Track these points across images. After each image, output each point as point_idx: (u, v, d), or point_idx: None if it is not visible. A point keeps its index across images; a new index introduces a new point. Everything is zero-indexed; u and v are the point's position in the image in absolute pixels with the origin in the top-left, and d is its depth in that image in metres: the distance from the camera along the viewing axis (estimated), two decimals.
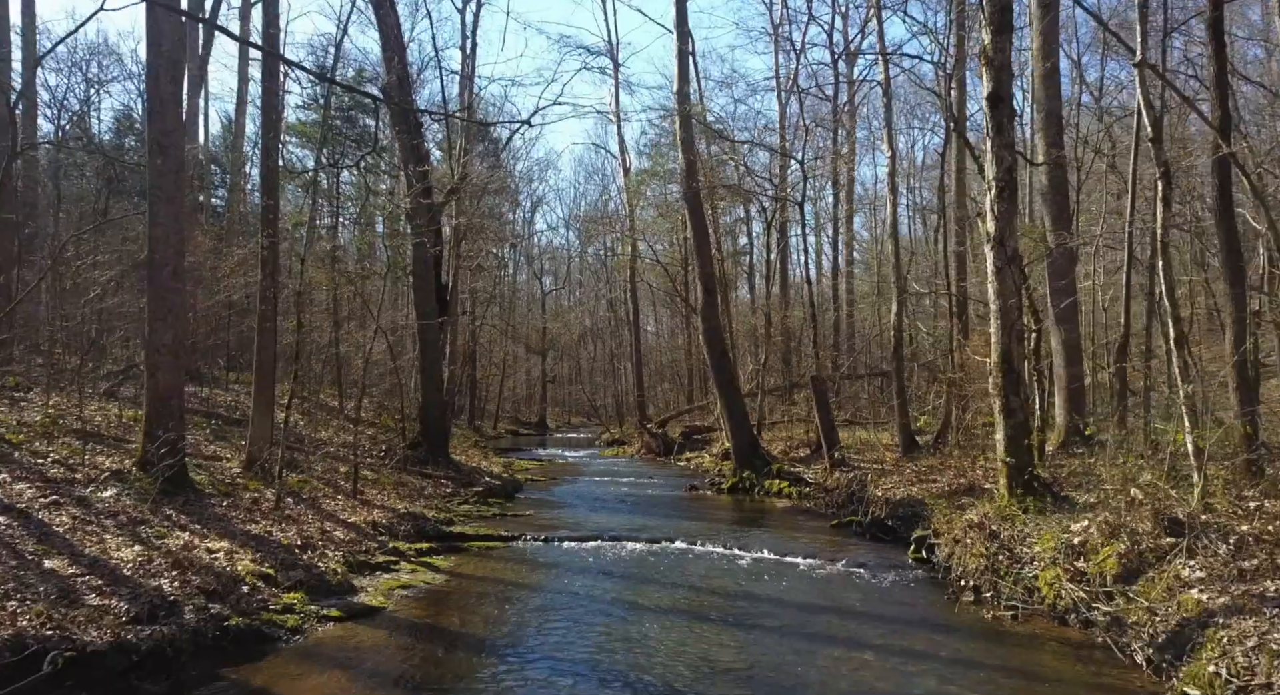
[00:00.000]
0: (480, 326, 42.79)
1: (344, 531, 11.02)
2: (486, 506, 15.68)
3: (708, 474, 22.72)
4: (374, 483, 14.78)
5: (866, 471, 15.04)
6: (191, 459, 12.44)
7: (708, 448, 26.54)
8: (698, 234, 19.06)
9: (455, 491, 16.56)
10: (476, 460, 22.53)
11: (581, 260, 54.82)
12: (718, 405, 28.94)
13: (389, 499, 13.83)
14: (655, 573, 10.44)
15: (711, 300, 19.06)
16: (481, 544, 12.16)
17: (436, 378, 18.73)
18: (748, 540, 12.21)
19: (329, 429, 19.37)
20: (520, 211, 46.56)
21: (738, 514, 15.57)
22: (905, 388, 16.78)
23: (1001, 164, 9.23)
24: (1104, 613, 6.98)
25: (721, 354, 18.87)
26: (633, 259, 31.30)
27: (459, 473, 18.47)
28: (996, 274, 9.29)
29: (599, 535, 12.62)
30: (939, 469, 13.84)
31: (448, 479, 17.38)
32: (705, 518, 14.96)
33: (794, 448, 20.87)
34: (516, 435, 44.63)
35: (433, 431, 18.68)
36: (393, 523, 12.23)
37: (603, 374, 48.97)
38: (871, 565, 10.46)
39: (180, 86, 11.01)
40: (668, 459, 26.83)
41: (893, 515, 12.35)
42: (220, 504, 10.51)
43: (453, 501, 15.67)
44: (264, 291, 12.54)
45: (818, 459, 18.15)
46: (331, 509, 12.17)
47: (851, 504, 14.01)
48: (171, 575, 7.42)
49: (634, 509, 15.93)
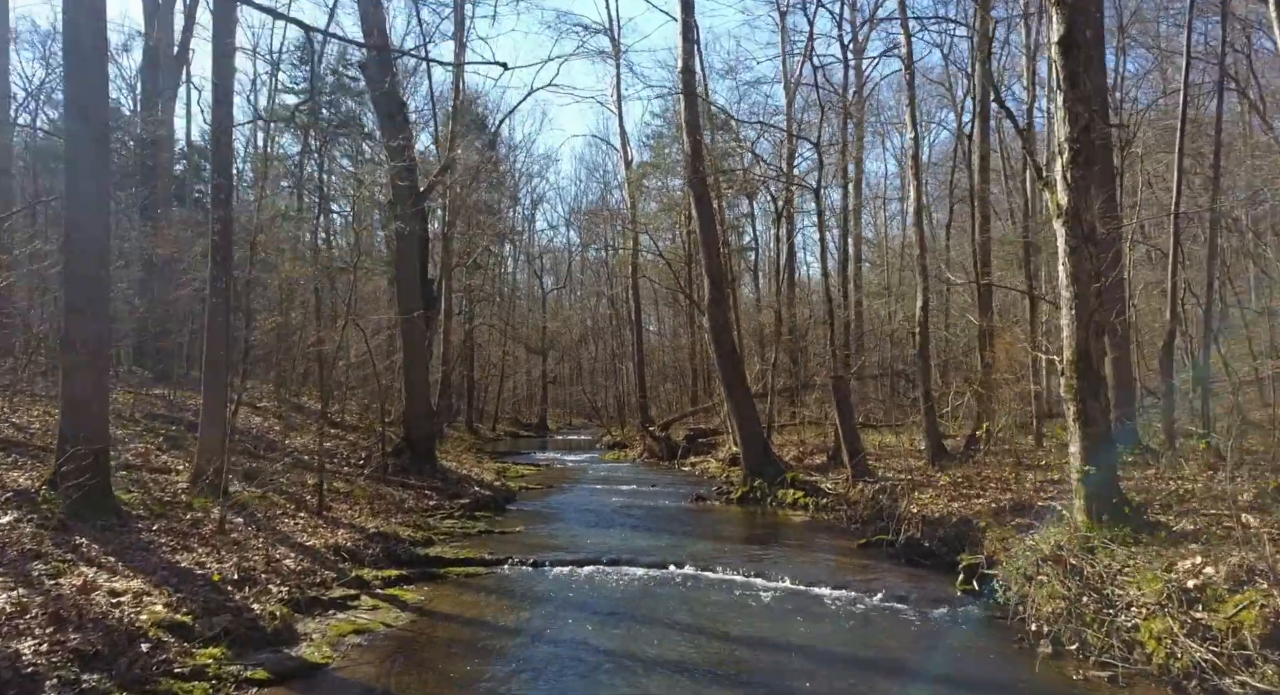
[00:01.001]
0: (478, 326, 41.13)
1: (297, 559, 9.33)
2: (472, 521, 13.99)
3: (714, 481, 21.00)
4: (346, 496, 13.10)
5: (893, 482, 13.33)
6: (131, 473, 10.79)
7: (713, 452, 24.86)
8: (704, 223, 17.38)
9: (439, 504, 14.88)
10: (468, 467, 20.85)
11: (582, 259, 53.15)
12: (723, 408, 27.24)
13: (360, 515, 12.14)
14: (660, 610, 8.74)
15: (719, 295, 17.38)
16: (461, 570, 10.46)
17: (421, 378, 17.06)
18: (765, 564, 10.52)
19: (306, 434, 17.69)
20: (519, 208, 44.90)
21: (750, 529, 13.87)
22: (931, 389, 15.08)
23: (1076, 122, 7.53)
24: (1247, 686, 5.28)
25: (730, 353, 17.18)
26: (634, 255, 29.61)
27: (446, 482, 16.80)
28: (1070, 254, 7.58)
29: (596, 558, 10.92)
30: (977, 481, 12.14)
31: (432, 490, 15.70)
32: (715, 534, 13.26)
33: (807, 454, 19.18)
34: (516, 438, 42.96)
35: (417, 437, 17.01)
36: (359, 545, 10.54)
37: (604, 374, 47.28)
38: (914, 599, 8.76)
39: (105, 40, 9.32)
40: (671, 463, 25.13)
41: (931, 536, 10.64)
42: (150, 529, 8.83)
43: (435, 516, 13.98)
44: (214, 281, 10.86)
45: (836, 467, 16.45)
46: (289, 530, 10.48)
47: (879, 520, 12.31)
48: (43, 633, 5.74)
49: (636, 523, 14.24)
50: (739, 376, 17.25)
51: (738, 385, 17.09)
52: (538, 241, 52.09)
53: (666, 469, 24.58)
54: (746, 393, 17.26)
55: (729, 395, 17.14)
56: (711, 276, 17.28)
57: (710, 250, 17.33)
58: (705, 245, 17.32)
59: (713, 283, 17.28)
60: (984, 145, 19.04)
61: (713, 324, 17.27)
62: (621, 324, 42.57)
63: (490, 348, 46.16)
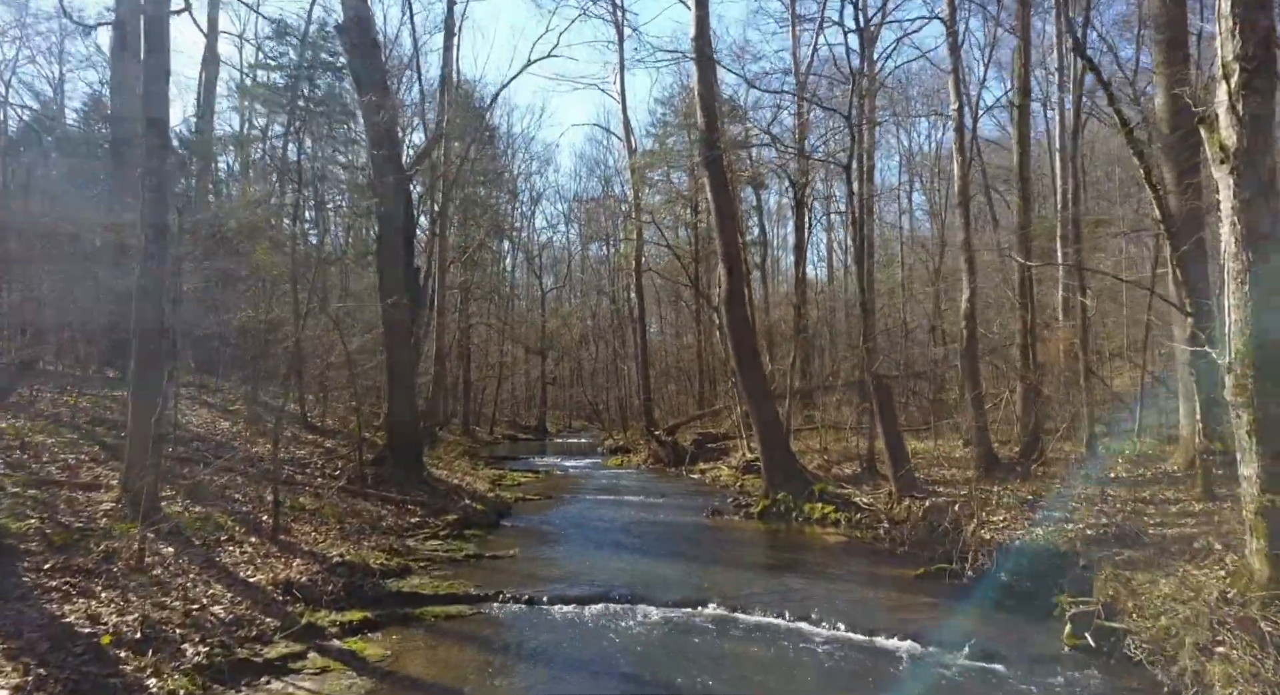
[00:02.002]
0: (474, 324, 39.13)
1: (233, 602, 7.35)
2: (460, 542, 12.00)
3: (728, 491, 19.01)
4: (312, 515, 11.09)
5: (948, 499, 11.35)
6: (44, 492, 8.79)
7: (724, 458, 22.87)
8: (719, 206, 15.40)
9: (423, 521, 12.89)
10: (460, 475, 18.85)
11: (583, 257, 51.15)
12: (734, 410, 25.30)
13: (325, 539, 10.14)
14: (689, 671, 6.75)
15: (737, 286, 15.40)
16: (441, 611, 8.47)
17: (407, 378, 15.08)
18: (809, 602, 8.55)
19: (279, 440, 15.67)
20: (518, 205, 42.90)
21: (780, 552, 11.88)
22: (982, 392, 13.12)
23: (1251, 34, 5.58)
24: None
25: (750, 351, 15.21)
26: (638, 249, 27.63)
27: (433, 494, 14.80)
28: (1241, 210, 5.63)
29: (604, 593, 8.96)
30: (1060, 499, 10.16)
31: (417, 504, 13.70)
32: (740, 558, 11.27)
33: (832, 462, 17.19)
34: (514, 441, 40.95)
35: (402, 443, 15.02)
36: (317, 580, 8.54)
37: (605, 376, 45.30)
38: (1011, 657, 6.78)
39: None
40: (678, 470, 23.16)
41: (1011, 568, 8.66)
42: (41, 567, 6.84)
43: (417, 536, 11.99)
44: (146, 257, 8.86)
45: (871, 478, 14.47)
46: (231, 561, 8.49)
47: (935, 544, 10.34)
48: None
49: (647, 543, 12.26)
50: (760, 377, 15.27)
51: (759, 387, 15.12)
52: (537, 240, 50.12)
53: (674, 476, 22.61)
54: (768, 396, 15.28)
55: (749, 398, 15.16)
56: (729, 265, 15.31)
57: (727, 235, 15.36)
58: (722, 230, 15.35)
59: (730, 272, 15.31)
60: (1023, 124, 17.10)
61: (730, 319, 15.30)
62: (623, 323, 40.61)
63: (488, 347, 44.16)
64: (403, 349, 15.07)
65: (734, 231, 15.58)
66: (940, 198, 38.08)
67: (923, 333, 27.26)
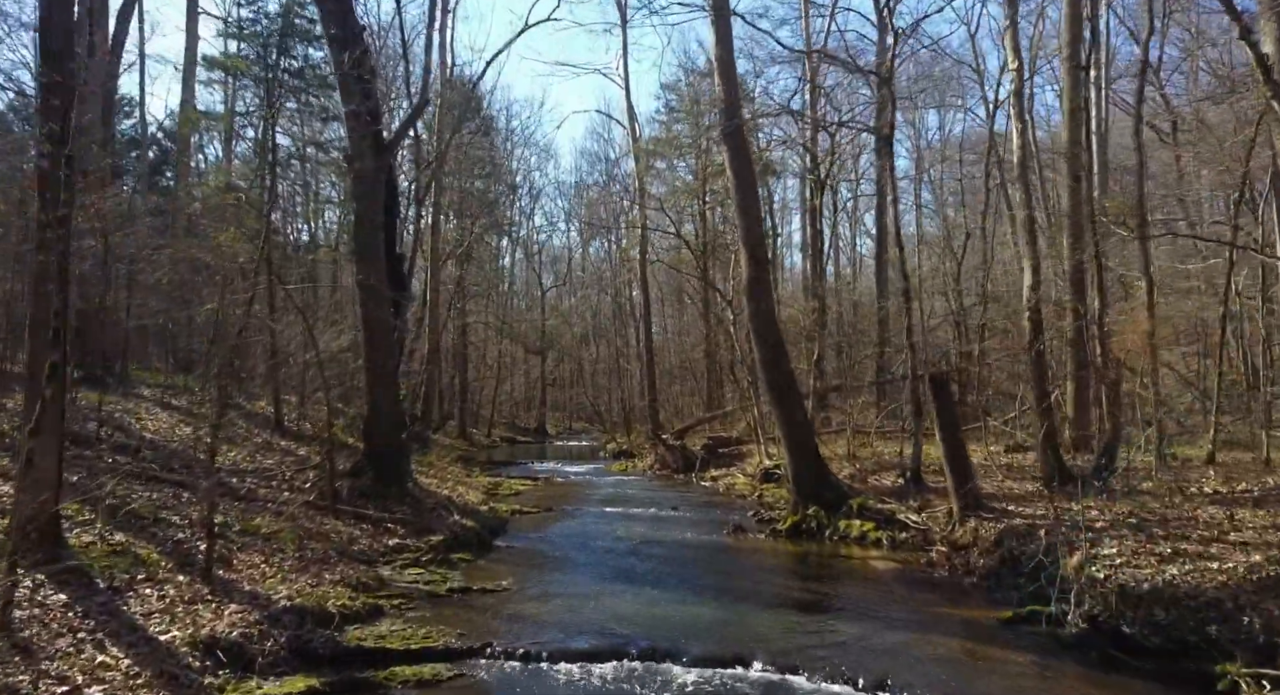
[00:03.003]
0: (472, 323, 37.22)
1: (128, 673, 5.43)
2: (445, 570, 10.07)
3: (746, 502, 17.13)
4: (266, 541, 9.16)
5: (1023, 520, 9.43)
6: None
7: (738, 464, 20.97)
8: (741, 182, 13.48)
9: (404, 543, 10.96)
10: (451, 485, 16.93)
11: (584, 254, 49.25)
12: (748, 413, 23.39)
13: (274, 573, 8.20)
14: None
15: (760, 272, 13.49)
16: (412, 673, 6.54)
17: (389, 379, 13.15)
18: (879, 659, 6.65)
19: (244, 448, 13.77)
20: (517, 201, 40.96)
21: (822, 583, 9.94)
22: (1048, 391, 11.21)
23: None
24: None
25: (775, 345, 13.28)
26: (643, 240, 25.70)
27: (418, 509, 12.86)
28: None
29: (618, 646, 7.04)
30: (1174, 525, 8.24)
31: (397, 522, 11.77)
32: (778, 593, 9.35)
33: (865, 471, 15.28)
34: (513, 444, 39.04)
35: (382, 450, 13.08)
36: (254, 634, 6.60)
37: (606, 376, 43.37)
38: None
39: None
40: (688, 477, 21.26)
41: (1145, 621, 6.71)
42: None
43: (394, 563, 10.07)
44: (43, 232, 6.95)
45: (918, 491, 12.55)
46: (143, 610, 6.56)
47: (1016, 577, 8.44)
48: None
49: (663, 571, 10.34)
50: (787, 376, 13.36)
51: (786, 387, 13.21)
52: (536, 237, 48.21)
53: (683, 484, 20.70)
54: (797, 399, 13.38)
55: (774, 399, 13.25)
56: (752, 249, 13.40)
57: (750, 216, 13.45)
58: (744, 210, 13.43)
59: (753, 259, 13.39)
60: (1074, 96, 15.21)
61: (753, 310, 13.38)
62: (625, 322, 38.72)
63: (486, 347, 42.27)
64: (384, 346, 13.14)
65: (757, 211, 13.67)
66: (953, 189, 36.26)
67: (943, 329, 25.33)
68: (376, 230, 12.91)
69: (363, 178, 12.69)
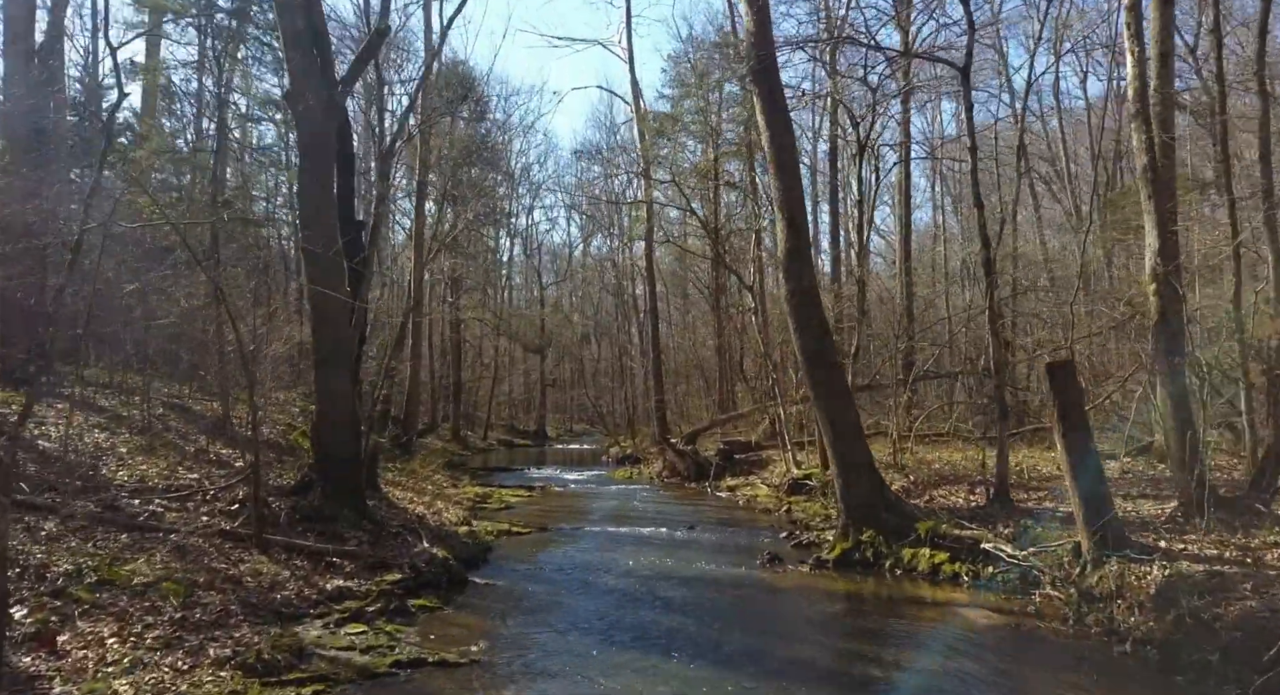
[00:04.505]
0: (467, 319, 34.51)
1: None
2: (397, 628, 7.37)
3: (771, 516, 14.48)
4: (134, 597, 6.44)
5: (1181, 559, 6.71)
6: None
7: (758, 473, 18.27)
8: (775, 135, 10.78)
9: (346, 586, 8.25)
10: (428, 500, 14.23)
11: (584, 251, 46.54)
12: (767, 414, 20.67)
13: (123, 656, 5.48)
14: None
15: (800, 243, 10.77)
16: None
17: (341, 372, 10.45)
18: None
19: (167, 458, 11.04)
20: (515, 189, 38.23)
21: (901, 648, 7.18)
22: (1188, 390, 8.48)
23: None
24: None
25: (820, 334, 10.57)
26: (649, 224, 22.97)
27: (379, 534, 10.18)
28: None
29: None
30: None
31: (346, 555, 9.06)
32: (840, 666, 6.66)
33: (925, 485, 12.56)
34: (510, 447, 36.35)
35: (336, 462, 10.38)
36: None
37: (608, 376, 40.71)
38: None
39: None
40: (701, 486, 18.58)
41: None
42: None
43: (329, 617, 7.36)
44: None
45: (1005, 513, 9.81)
46: None
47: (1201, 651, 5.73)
48: None
49: (686, 629, 7.64)
50: (833, 367, 10.64)
51: (832, 381, 10.50)
52: (535, 232, 45.51)
53: (696, 495, 18.01)
54: (846, 395, 10.67)
55: (819, 398, 10.52)
56: (790, 215, 10.69)
57: (787, 175, 10.73)
58: (780, 166, 10.70)
59: (792, 226, 10.68)
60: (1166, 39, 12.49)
61: (793, 289, 10.66)
62: (628, 319, 36.04)
63: (482, 344, 39.60)
64: (336, 331, 10.45)
65: (795, 167, 10.93)
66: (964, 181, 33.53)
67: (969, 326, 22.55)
68: (325, 187, 10.22)
69: (308, 121, 10.01)
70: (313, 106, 9.90)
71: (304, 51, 9.88)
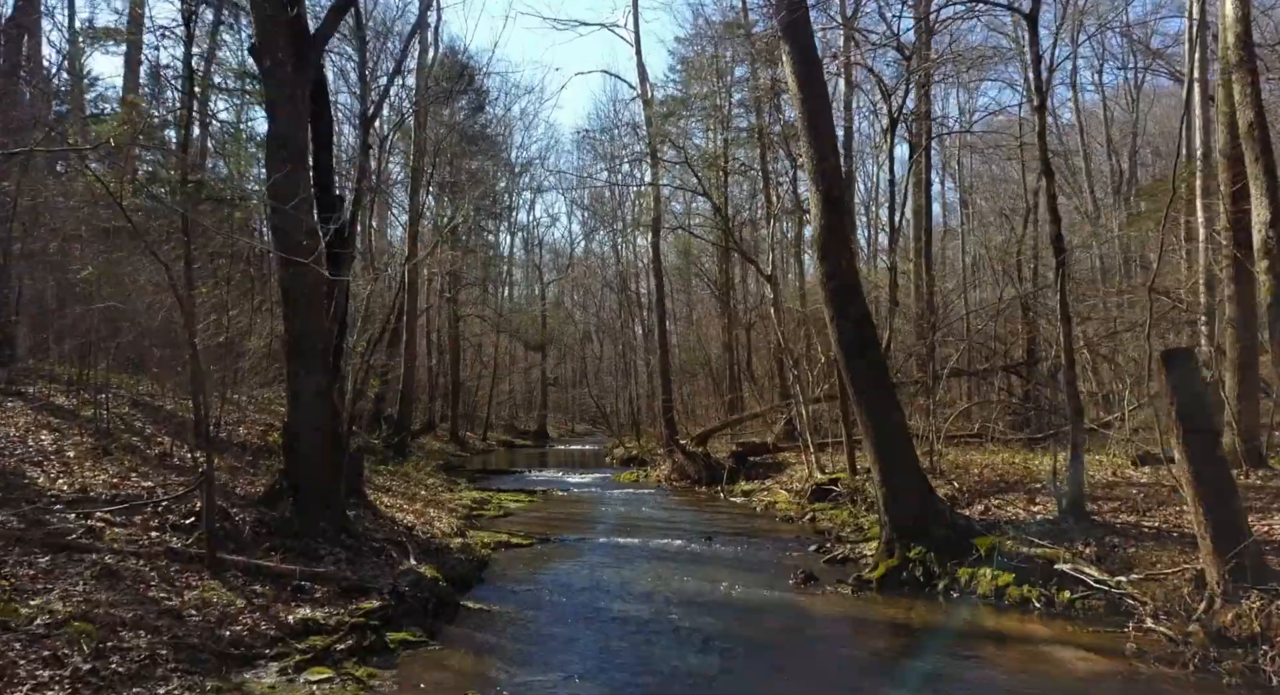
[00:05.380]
0: (466, 316, 33.16)
1: None
2: (368, 674, 6.01)
3: (794, 525, 13.13)
4: (30, 645, 5.08)
5: None
6: None
7: (775, 477, 16.92)
8: (809, 96, 9.41)
9: (316, 615, 6.87)
10: (419, 507, 12.90)
11: (585, 247, 45.18)
12: (783, 414, 19.35)
13: None
14: None
15: (837, 219, 9.39)
16: None
17: (315, 367, 9.09)
18: None
19: (121, 464, 9.68)
20: (516, 182, 36.85)
21: None
22: None
23: None
24: None
25: (860, 321, 9.21)
26: (656, 213, 21.59)
27: (357, 552, 8.84)
28: None
29: None
30: None
31: (316, 578, 7.68)
32: None
33: (972, 493, 11.19)
34: (511, 448, 35.03)
35: (310, 469, 9.02)
36: None
37: (612, 374, 39.32)
38: None
39: None
40: (713, 491, 17.24)
41: None
42: None
43: (284, 662, 6.00)
44: None
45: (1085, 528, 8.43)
46: None
47: None
48: None
49: (717, 672, 6.28)
50: (875, 365, 9.28)
51: (875, 380, 9.15)
52: (537, 230, 44.12)
53: (709, 500, 16.67)
54: (889, 393, 9.31)
55: (861, 396, 9.15)
56: (826, 189, 9.33)
57: (822, 140, 9.36)
58: (813, 131, 9.34)
59: (827, 201, 9.31)
60: None
61: (829, 271, 9.30)
62: (632, 311, 34.66)
63: (482, 342, 38.22)
64: (309, 321, 9.10)
65: (830, 132, 9.56)
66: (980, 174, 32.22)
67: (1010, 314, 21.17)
68: (298, 154, 8.86)
69: (277, 80, 8.66)
70: (282, 60, 8.56)
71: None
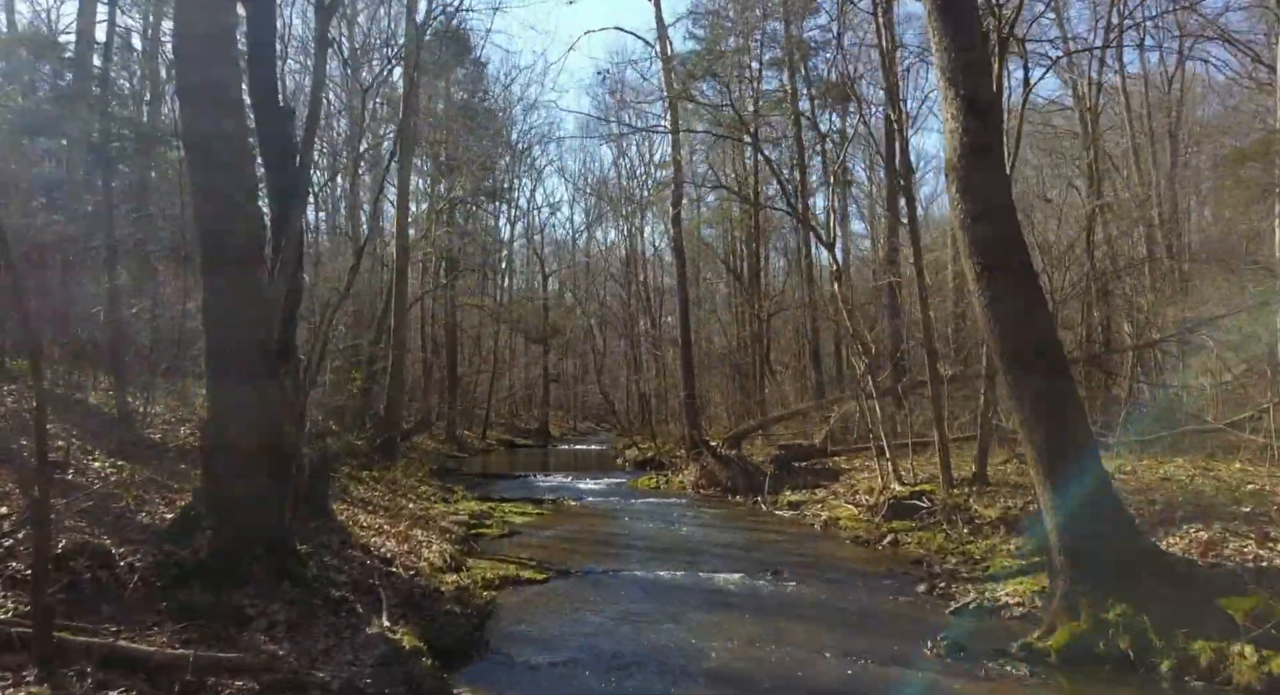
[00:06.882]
0: (463, 306, 30.28)
1: None
2: None
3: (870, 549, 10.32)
4: None
5: None
6: None
7: (827, 486, 14.06)
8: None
9: None
10: (403, 527, 10.04)
11: (588, 239, 42.32)
12: (830, 413, 16.48)
13: None
14: None
15: (984, 141, 6.54)
16: None
17: (243, 360, 6.23)
18: None
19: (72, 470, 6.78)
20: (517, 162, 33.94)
21: None
22: None
23: None
24: None
25: (1020, 272, 6.41)
26: (676, 185, 18.75)
27: (306, 605, 5.99)
28: None
29: None
30: None
31: (226, 670, 4.80)
32: None
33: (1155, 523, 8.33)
34: (512, 448, 32.19)
35: (235, 496, 6.16)
36: None
37: (620, 367, 36.49)
38: None
39: None
40: (752, 502, 14.46)
41: None
42: None
43: None
44: None
45: None
46: None
47: None
48: None
49: None
50: (1044, 338, 6.45)
51: (1046, 359, 6.32)
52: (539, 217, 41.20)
53: (749, 513, 13.89)
54: (1066, 377, 6.48)
55: (1018, 380, 6.32)
56: (971, 95, 6.50)
57: (963, 32, 6.54)
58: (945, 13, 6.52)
59: (971, 106, 6.48)
60: None
61: (974, 206, 6.47)
62: (640, 305, 31.81)
63: (481, 334, 35.35)
64: (237, 290, 6.25)
65: (972, 10, 6.75)
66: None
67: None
68: (220, 35, 5.99)
69: None
70: None
71: None
